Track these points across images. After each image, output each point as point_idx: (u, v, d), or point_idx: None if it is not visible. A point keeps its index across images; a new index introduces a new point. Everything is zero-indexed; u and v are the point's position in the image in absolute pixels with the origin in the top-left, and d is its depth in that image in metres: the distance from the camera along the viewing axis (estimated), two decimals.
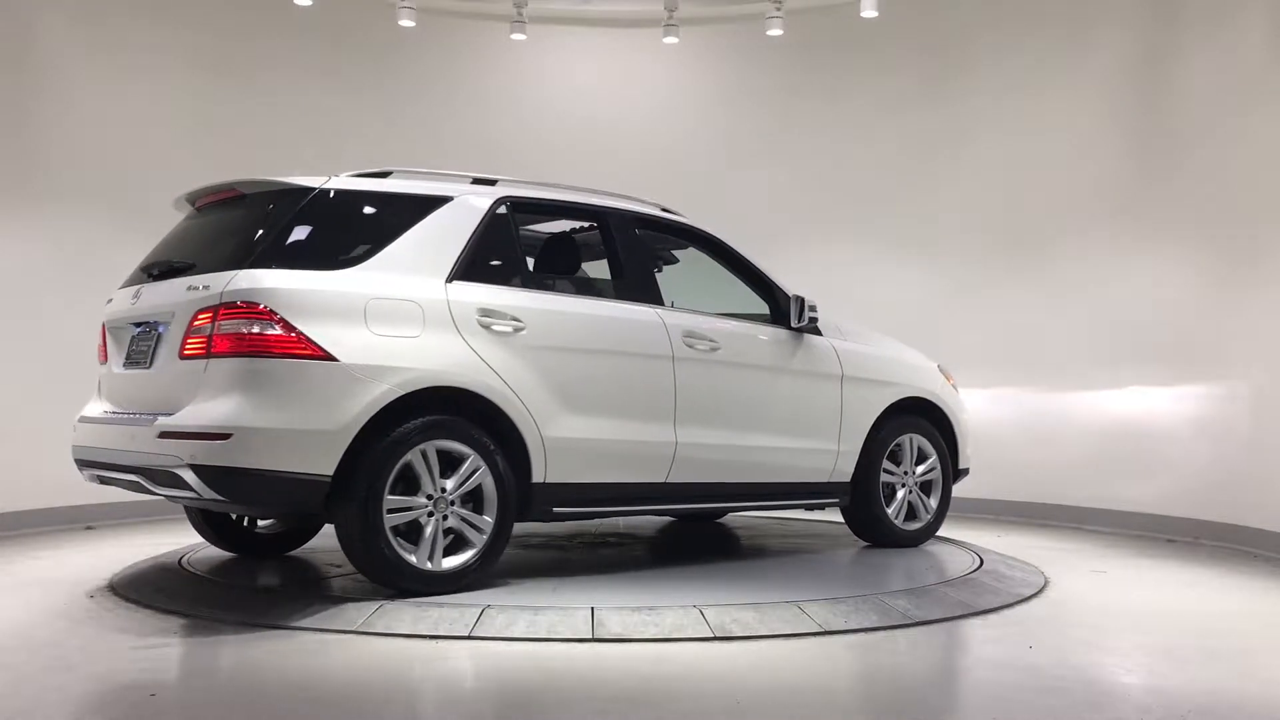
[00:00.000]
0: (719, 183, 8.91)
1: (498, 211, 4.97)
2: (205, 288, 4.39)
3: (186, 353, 4.40)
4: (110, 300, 5.11)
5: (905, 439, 6.11)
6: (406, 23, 8.30)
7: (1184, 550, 6.71)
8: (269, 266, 4.37)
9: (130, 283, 5.01)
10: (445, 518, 4.55)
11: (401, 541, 4.47)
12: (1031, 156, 8.11)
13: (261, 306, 4.25)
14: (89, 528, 7.08)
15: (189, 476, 4.22)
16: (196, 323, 4.36)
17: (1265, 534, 6.52)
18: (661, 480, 5.19)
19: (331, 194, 4.69)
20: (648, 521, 7.06)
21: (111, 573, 5.38)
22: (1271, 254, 6.60)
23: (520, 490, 4.75)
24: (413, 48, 8.75)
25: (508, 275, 4.97)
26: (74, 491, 6.76)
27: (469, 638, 4.08)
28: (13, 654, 3.94)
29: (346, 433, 4.29)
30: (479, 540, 4.61)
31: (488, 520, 4.64)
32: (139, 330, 4.79)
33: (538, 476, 4.77)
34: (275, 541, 5.70)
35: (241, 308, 4.25)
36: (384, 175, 4.93)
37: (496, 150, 8.75)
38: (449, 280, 4.69)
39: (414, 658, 3.87)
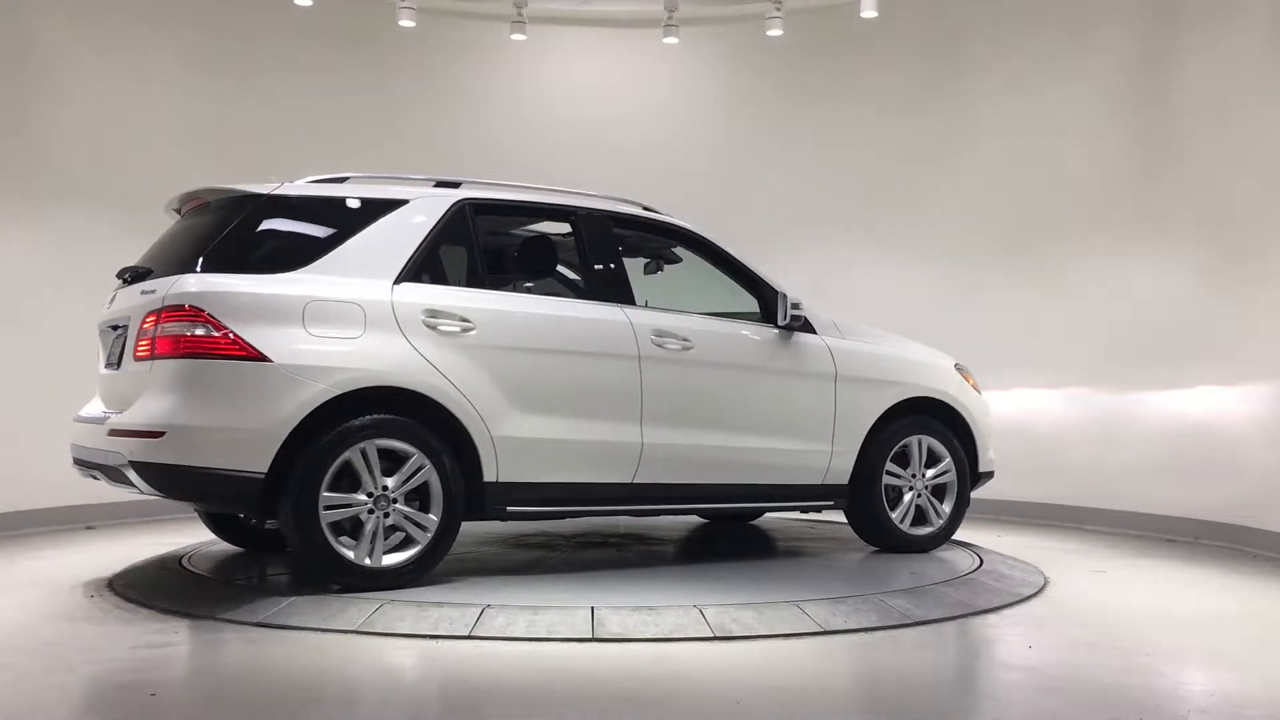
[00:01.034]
0: (719, 182, 8.92)
1: (455, 214, 5.04)
2: (153, 292, 4.61)
3: (138, 354, 4.63)
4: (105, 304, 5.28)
5: (913, 440, 5.89)
6: (406, 23, 8.30)
7: (1184, 550, 6.71)
8: (214, 271, 4.55)
9: (116, 287, 5.20)
10: (387, 515, 4.62)
11: (346, 538, 4.58)
12: (1032, 157, 8.10)
13: (197, 309, 4.43)
14: (89, 528, 7.08)
15: (131, 473, 4.45)
16: (145, 325, 4.58)
17: (1265, 534, 6.52)
18: (628, 480, 5.16)
19: (281, 200, 4.84)
20: (649, 522, 7.05)
21: (111, 573, 5.38)
22: (1271, 254, 6.60)
23: (472, 489, 4.80)
24: (413, 48, 8.75)
25: (464, 276, 5.06)
26: (74, 491, 6.76)
27: (469, 638, 4.08)
28: (13, 654, 3.95)
29: (279, 431, 4.41)
30: (423, 538, 4.69)
31: (433, 519, 4.71)
32: (115, 333, 4.96)
33: (489, 475, 4.81)
34: (282, 537, 5.71)
35: (179, 311, 4.45)
36: (341, 180, 5.06)
37: (496, 150, 8.76)
38: (398, 282, 4.77)
39: (414, 658, 3.87)
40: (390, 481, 4.62)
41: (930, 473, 5.97)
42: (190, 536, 6.35)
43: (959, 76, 8.48)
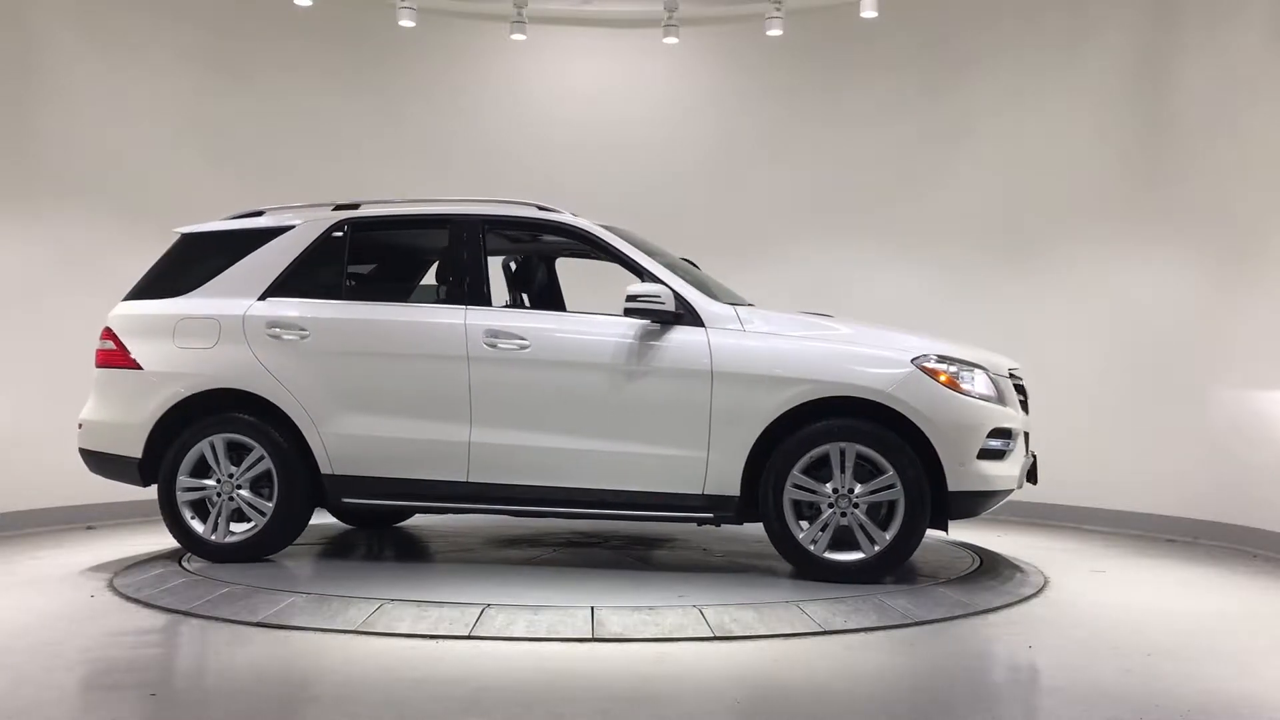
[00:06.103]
0: (719, 182, 8.92)
1: (332, 234, 5.61)
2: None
3: None
4: None
5: (833, 448, 4.96)
6: (406, 23, 8.29)
7: (1184, 550, 6.71)
8: (134, 298, 5.73)
9: None
10: (231, 499, 5.43)
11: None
12: (1032, 156, 8.10)
13: (110, 330, 5.68)
14: (89, 528, 7.08)
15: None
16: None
17: (1265, 534, 6.52)
18: (463, 479, 5.26)
19: (193, 235, 5.84)
20: (649, 523, 7.02)
21: (112, 572, 5.39)
22: (1272, 253, 6.60)
23: (314, 481, 5.41)
24: (413, 48, 8.75)
25: (328, 290, 5.56)
26: (74, 491, 6.77)
27: (469, 637, 4.09)
28: (13, 654, 3.95)
29: (146, 424, 5.48)
30: (259, 520, 5.41)
31: (269, 505, 5.41)
32: None
33: (324, 469, 5.39)
34: (380, 516, 6.78)
35: (105, 331, 5.71)
36: (258, 214, 5.83)
37: (496, 150, 8.76)
38: (261, 298, 5.52)
39: (414, 658, 3.88)
40: (236, 470, 5.42)
41: (861, 488, 4.97)
42: None
43: (959, 77, 8.47)
